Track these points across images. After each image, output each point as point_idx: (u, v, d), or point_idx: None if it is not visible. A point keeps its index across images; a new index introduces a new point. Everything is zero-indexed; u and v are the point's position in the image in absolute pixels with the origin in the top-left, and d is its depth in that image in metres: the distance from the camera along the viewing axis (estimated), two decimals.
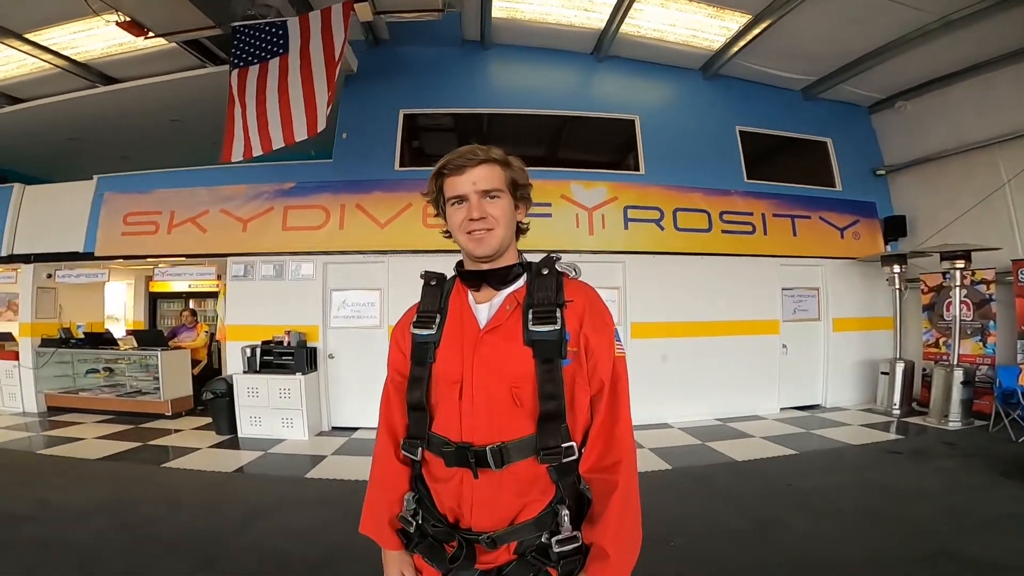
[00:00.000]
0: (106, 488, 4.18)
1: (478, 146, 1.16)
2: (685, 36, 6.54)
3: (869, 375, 7.25)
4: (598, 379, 1.14)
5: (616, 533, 1.09)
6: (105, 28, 5.62)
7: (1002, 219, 6.40)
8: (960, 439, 5.48)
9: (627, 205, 6.64)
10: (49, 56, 6.30)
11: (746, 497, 3.98)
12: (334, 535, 3.31)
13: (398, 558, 1.25)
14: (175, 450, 5.35)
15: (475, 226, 1.14)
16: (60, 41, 6.14)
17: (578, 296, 1.17)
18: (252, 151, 5.03)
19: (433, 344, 1.19)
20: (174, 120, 7.70)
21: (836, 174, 7.69)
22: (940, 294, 6.92)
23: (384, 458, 1.28)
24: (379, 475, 1.28)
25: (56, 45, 6.19)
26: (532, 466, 1.10)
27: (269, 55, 5.07)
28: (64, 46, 6.24)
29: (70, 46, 6.26)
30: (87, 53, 6.43)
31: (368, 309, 6.44)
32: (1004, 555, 2.87)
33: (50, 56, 6.30)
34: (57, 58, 6.36)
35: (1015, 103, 6.20)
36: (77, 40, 6.14)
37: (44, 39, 6.06)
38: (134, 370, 7.17)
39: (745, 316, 6.87)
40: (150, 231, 6.68)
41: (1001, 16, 5.35)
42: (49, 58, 6.33)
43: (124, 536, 3.27)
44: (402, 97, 6.77)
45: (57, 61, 6.41)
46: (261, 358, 5.95)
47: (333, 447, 5.53)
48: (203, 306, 9.91)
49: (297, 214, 6.44)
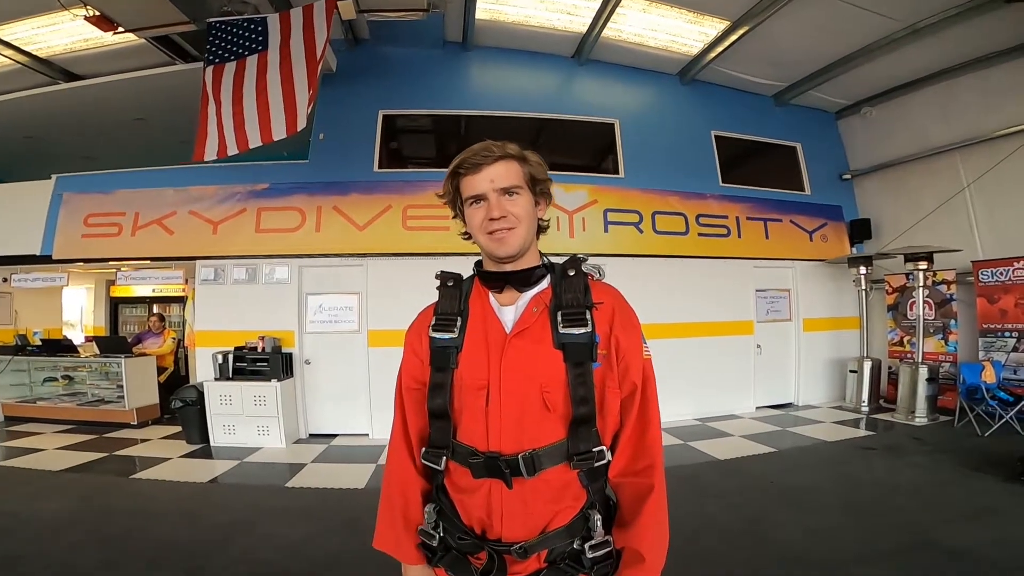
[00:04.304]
0: (73, 501, 3.96)
1: (492, 143, 1.12)
2: (665, 41, 6.64)
3: (838, 373, 7.49)
4: (630, 382, 1.12)
5: (651, 537, 1.08)
6: (71, 23, 5.37)
7: (962, 222, 6.70)
8: (928, 434, 5.69)
9: (607, 208, 6.70)
10: (10, 52, 5.96)
11: (732, 495, 4.05)
12: (324, 547, 3.22)
13: (421, 573, 1.19)
14: (143, 460, 5.12)
15: (496, 226, 1.10)
16: (22, 36, 5.83)
17: (606, 298, 1.15)
18: (227, 150, 4.85)
19: (455, 348, 1.13)
20: (139, 119, 7.37)
21: (805, 178, 7.93)
22: (904, 294, 7.21)
23: (400, 469, 1.22)
24: (396, 486, 1.22)
25: (17, 40, 5.88)
26: (564, 472, 1.07)
27: (247, 52, 4.90)
28: (25, 41, 5.93)
29: (31, 41, 5.94)
30: (49, 49, 6.11)
31: (346, 314, 6.31)
32: (982, 547, 2.97)
33: (11, 52, 5.97)
34: (18, 53, 6.03)
35: (975, 109, 6.49)
36: (40, 35, 5.83)
37: (6, 34, 5.75)
38: (95, 378, 6.84)
39: (721, 317, 7.02)
40: (113, 233, 6.38)
41: (964, 24, 5.60)
42: (10, 54, 5.99)
43: (102, 550, 3.11)
44: (382, 98, 6.67)
45: (17, 57, 6.07)
46: (234, 364, 5.77)
47: (312, 455, 5.38)
48: (169, 311, 9.54)
49: (271, 216, 6.26)
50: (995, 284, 6.22)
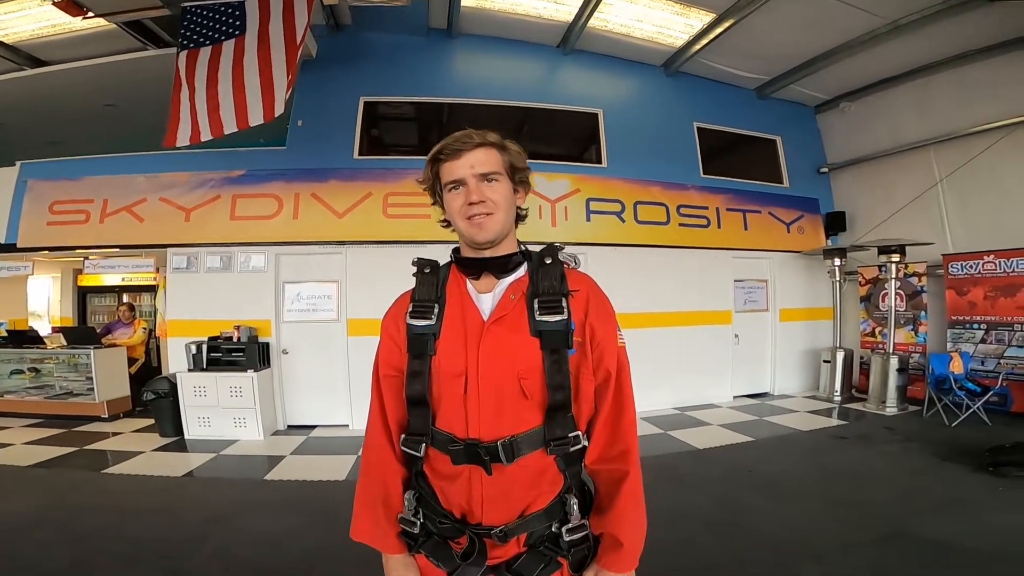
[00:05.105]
0: (42, 497, 3.84)
1: (473, 130, 1.14)
2: (651, 32, 6.61)
3: (812, 363, 7.65)
4: (604, 369, 1.15)
5: (629, 522, 1.12)
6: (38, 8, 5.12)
7: (934, 216, 6.87)
8: (898, 424, 5.84)
9: (589, 197, 6.70)
10: None
11: (712, 484, 4.10)
12: (305, 540, 3.16)
13: (403, 562, 1.19)
14: (115, 455, 4.98)
15: (475, 211, 1.11)
16: None
17: (582, 286, 1.16)
18: (200, 135, 4.69)
19: (433, 335, 1.13)
20: (108, 105, 7.09)
21: (784, 171, 8.04)
22: (876, 286, 7.37)
23: (379, 456, 1.21)
24: (374, 475, 1.21)
25: None
26: (541, 458, 1.10)
27: (224, 36, 4.73)
28: None
29: None
30: (16, 35, 5.80)
31: (324, 302, 6.21)
32: (955, 536, 3.05)
33: None
34: None
35: (951, 106, 6.62)
36: (5, 21, 5.54)
37: None
38: (63, 370, 6.59)
39: (701, 307, 7.12)
40: (80, 220, 6.15)
41: (945, 21, 5.66)
42: None
43: (73, 549, 3.00)
44: (363, 84, 6.52)
45: None
46: (208, 355, 5.64)
47: (291, 447, 5.30)
48: (139, 301, 9.25)
49: (247, 203, 6.09)
50: (965, 277, 6.40)
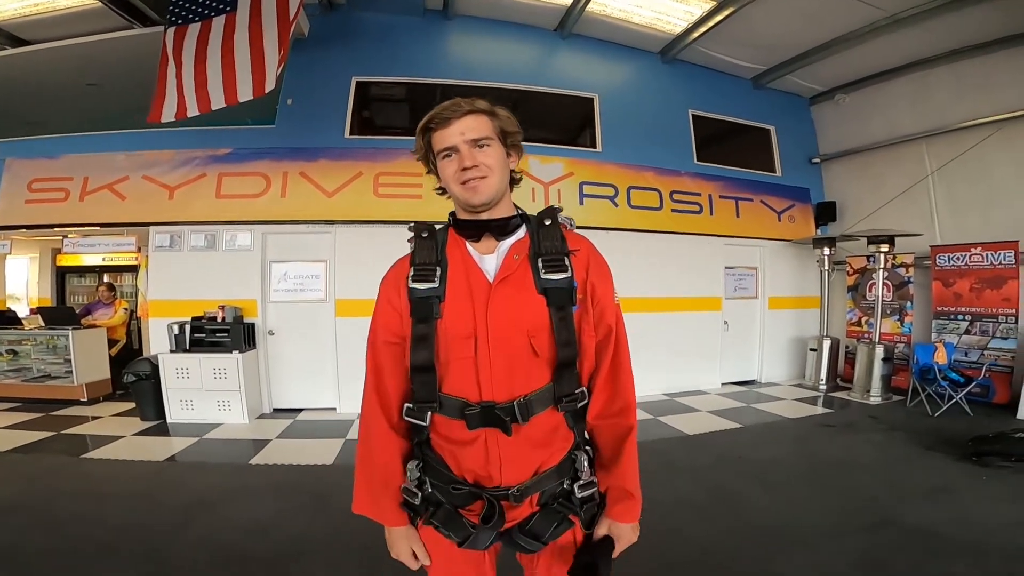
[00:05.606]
0: (19, 483, 3.72)
1: (462, 99, 1.13)
2: (649, 18, 6.53)
3: (799, 351, 7.72)
4: (605, 325, 1.18)
5: (635, 474, 1.17)
6: None
7: (923, 208, 6.91)
8: (882, 413, 5.90)
9: (583, 181, 6.66)
10: None
11: (702, 470, 4.11)
12: (292, 526, 3.10)
13: (406, 534, 1.19)
14: (95, 439, 4.85)
15: (469, 175, 1.11)
16: None
17: (581, 246, 1.19)
18: (187, 111, 4.54)
19: (438, 298, 1.12)
20: (91, 84, 6.83)
21: (776, 160, 8.04)
22: (864, 276, 7.42)
23: (377, 429, 1.19)
24: (374, 447, 1.19)
25: None
26: (552, 416, 1.13)
27: (214, 12, 4.58)
28: None
29: None
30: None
31: (312, 282, 6.09)
32: (940, 524, 3.07)
33: None
34: None
35: (946, 100, 6.62)
36: None
37: None
38: (41, 352, 6.41)
39: (692, 293, 7.15)
40: (59, 198, 5.98)
41: (946, 16, 5.62)
42: None
43: (51, 536, 2.91)
44: (356, 64, 6.38)
45: None
46: (191, 336, 5.50)
47: (277, 430, 5.22)
48: (120, 281, 9.04)
49: (233, 181, 5.95)
50: (952, 268, 6.45)
